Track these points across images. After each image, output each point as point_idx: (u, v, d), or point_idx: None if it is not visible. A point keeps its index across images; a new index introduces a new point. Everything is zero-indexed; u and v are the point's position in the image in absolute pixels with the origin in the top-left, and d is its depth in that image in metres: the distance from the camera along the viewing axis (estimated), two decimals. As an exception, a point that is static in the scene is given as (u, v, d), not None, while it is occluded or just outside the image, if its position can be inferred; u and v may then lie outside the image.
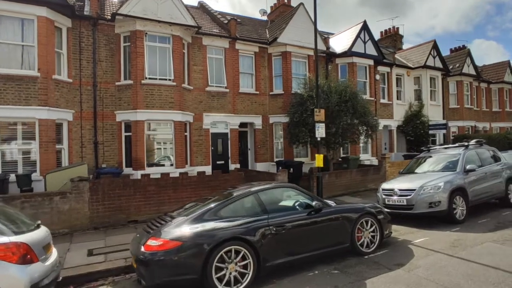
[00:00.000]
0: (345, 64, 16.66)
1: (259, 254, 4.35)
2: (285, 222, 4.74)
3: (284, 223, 4.71)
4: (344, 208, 5.47)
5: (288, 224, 4.75)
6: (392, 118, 18.71)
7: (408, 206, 7.55)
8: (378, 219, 5.69)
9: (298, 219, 4.88)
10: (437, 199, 7.32)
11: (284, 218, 4.79)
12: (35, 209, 7.27)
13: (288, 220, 4.79)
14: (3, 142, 9.64)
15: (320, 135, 9.50)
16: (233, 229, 4.32)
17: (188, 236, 4.10)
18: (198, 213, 4.49)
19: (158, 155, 12.19)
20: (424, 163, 9.26)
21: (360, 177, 12.38)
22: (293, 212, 4.98)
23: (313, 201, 5.15)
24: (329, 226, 5.16)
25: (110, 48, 11.64)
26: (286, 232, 4.69)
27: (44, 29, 9.93)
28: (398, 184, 8.11)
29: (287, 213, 4.90)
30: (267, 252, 4.46)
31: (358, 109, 11.62)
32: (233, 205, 4.70)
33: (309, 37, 14.78)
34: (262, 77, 14.85)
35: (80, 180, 7.68)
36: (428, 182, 7.62)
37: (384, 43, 23.87)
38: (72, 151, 10.91)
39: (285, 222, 4.74)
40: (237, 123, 14.14)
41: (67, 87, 10.81)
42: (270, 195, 5.09)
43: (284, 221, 4.74)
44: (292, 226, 4.78)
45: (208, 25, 14.49)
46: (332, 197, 11.34)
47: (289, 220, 4.80)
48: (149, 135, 11.77)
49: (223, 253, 4.14)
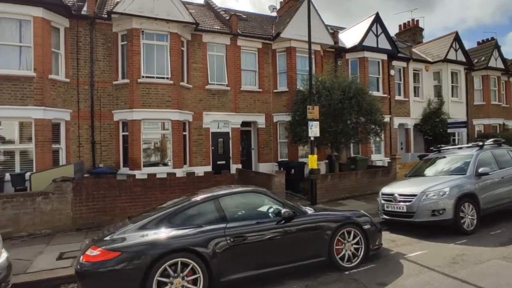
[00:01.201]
0: (356, 59, 15.77)
1: (211, 268, 3.87)
2: (246, 232, 4.22)
3: (244, 233, 4.19)
4: (321, 217, 4.85)
5: (250, 234, 4.23)
6: (408, 116, 17.55)
7: (408, 213, 6.78)
8: (364, 230, 5.03)
9: (263, 229, 4.35)
10: (441, 206, 6.51)
11: (246, 227, 4.27)
12: (17, 210, 7.21)
13: (250, 229, 4.27)
14: (0, 142, 9.76)
15: (314, 134, 8.87)
16: (182, 239, 3.87)
17: (128, 245, 3.70)
18: (146, 220, 4.10)
19: (155, 155, 11.99)
20: (432, 165, 8.38)
21: (367, 179, 11.55)
22: (259, 221, 4.45)
23: (283, 208, 4.58)
24: (302, 237, 4.58)
25: (107, 47, 11.57)
26: (247, 243, 4.17)
27: (40, 30, 9.96)
28: (399, 188, 7.33)
29: (251, 222, 4.38)
30: (222, 266, 3.98)
31: (363, 106, 10.81)
32: (188, 212, 4.25)
33: (316, 31, 14.03)
34: (266, 74, 14.32)
35: (63, 180, 7.54)
36: (432, 187, 6.80)
37: (403, 37, 22.59)
38: (69, 151, 10.92)
39: (246, 232, 4.22)
40: (238, 122, 13.71)
41: (64, 86, 10.82)
42: (233, 201, 4.59)
43: (244, 230, 4.22)
44: (254, 236, 4.25)
45: (210, 22, 14.15)
46: (335, 201, 10.69)
47: (252, 229, 4.28)
48: (145, 134, 11.58)
49: (167, 266, 3.71)
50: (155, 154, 11.99)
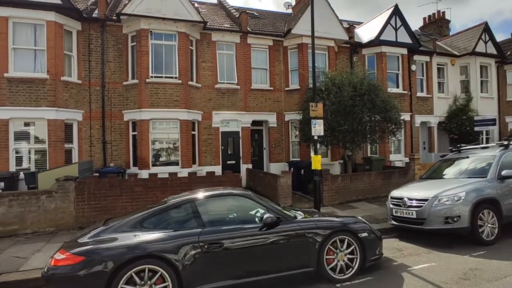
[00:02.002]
0: (373, 55, 15.03)
1: (181, 276, 3.65)
2: (224, 238, 3.97)
3: (220, 240, 3.94)
4: (309, 223, 4.48)
5: (228, 240, 3.97)
6: (431, 113, 16.50)
7: (418, 220, 6.21)
8: (359, 238, 4.61)
9: (242, 235, 4.07)
10: (456, 213, 5.90)
11: (224, 233, 4.02)
12: (23, 207, 7.41)
13: (228, 236, 4.01)
14: (17, 142, 10.16)
15: (318, 133, 8.44)
16: (150, 244, 3.69)
17: (93, 249, 3.57)
18: (117, 223, 3.96)
19: (164, 154, 12.02)
20: (450, 166, 7.69)
21: (381, 181, 10.90)
22: (239, 226, 4.18)
23: (268, 213, 4.27)
24: (287, 245, 4.25)
25: (118, 49, 11.75)
26: (224, 251, 3.92)
27: (52, 33, 10.27)
28: (409, 191, 6.76)
29: (230, 228, 4.13)
30: (195, 274, 3.75)
31: (377, 103, 10.19)
32: (161, 215, 4.07)
33: (329, 26, 13.61)
34: (277, 72, 13.97)
35: (66, 179, 7.68)
36: (445, 191, 6.19)
37: (427, 30, 21.35)
38: (82, 150, 11.20)
39: (223, 238, 3.96)
40: (249, 121, 13.48)
41: (77, 88, 11.10)
42: (212, 205, 4.34)
43: (221, 237, 3.97)
44: (233, 243, 3.99)
45: (221, 20, 14.01)
46: (346, 203, 10.20)
47: (230, 236, 4.01)
48: (154, 134, 11.64)
49: (133, 273, 3.54)
50: (164, 153, 12.03)
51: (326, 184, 10.08)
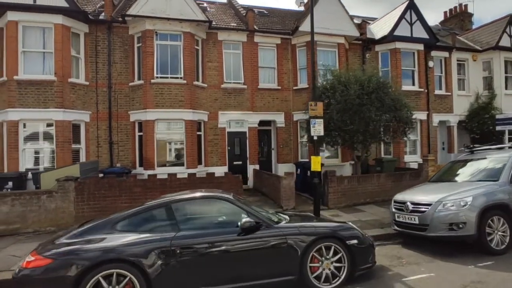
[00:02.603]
0: (387, 51, 14.40)
1: (150, 281, 3.50)
2: (198, 243, 3.78)
3: (194, 245, 3.75)
4: (292, 229, 4.20)
5: (202, 245, 3.78)
6: (451, 112, 15.64)
7: (421, 226, 5.77)
8: (348, 245, 4.28)
9: (219, 240, 3.87)
10: (461, 219, 5.42)
11: (198, 238, 3.83)
12: (24, 207, 7.56)
13: (204, 240, 3.82)
14: (26, 142, 10.45)
15: (317, 133, 8.10)
16: (120, 248, 3.56)
17: (62, 252, 3.49)
18: (90, 226, 3.87)
19: (169, 155, 12.04)
20: (461, 168, 7.14)
21: (391, 183, 10.35)
22: (216, 231, 3.99)
23: (246, 218, 4.04)
24: (267, 251, 4.00)
25: (124, 50, 11.87)
26: (198, 256, 3.74)
27: (60, 36, 10.50)
28: (413, 195, 6.32)
29: (206, 232, 3.94)
30: (165, 280, 3.59)
31: (386, 102, 9.69)
32: (136, 218, 3.93)
33: (339, 22, 13.18)
34: (285, 70, 13.67)
35: (66, 180, 7.77)
36: (451, 195, 5.72)
37: (448, 24, 20.28)
38: (89, 151, 11.40)
39: (197, 243, 3.78)
40: (256, 121, 13.26)
41: (84, 89, 11.30)
42: (190, 208, 4.17)
43: (196, 242, 3.78)
44: (208, 248, 3.80)
45: (228, 19, 13.88)
46: (352, 206, 9.78)
47: (205, 240, 3.83)
48: (160, 134, 11.66)
49: (100, 277, 3.42)
50: (169, 154, 12.04)
51: (331, 186, 9.70)
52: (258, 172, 12.64)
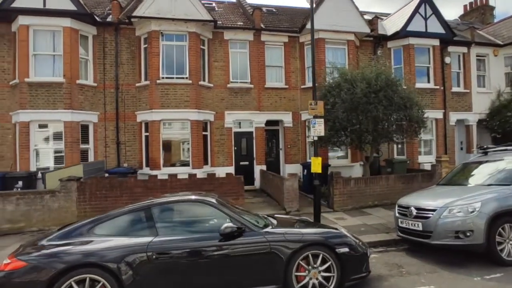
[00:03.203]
0: (399, 48, 13.85)
1: (123, 287, 3.40)
2: (175, 249, 3.65)
3: (172, 250, 3.63)
4: (277, 235, 3.98)
5: (179, 251, 3.65)
6: (470, 110, 14.85)
7: (424, 232, 5.41)
8: (337, 254, 4.03)
9: (198, 246, 3.73)
10: (468, 226, 5.02)
11: (176, 243, 3.71)
12: (29, 206, 7.74)
13: (182, 246, 3.69)
14: (37, 142, 10.74)
15: (318, 133, 7.82)
16: (94, 252, 3.49)
17: (35, 256, 3.45)
18: (68, 228, 3.82)
19: (175, 155, 12.05)
20: (473, 171, 6.68)
21: (402, 185, 9.90)
22: (196, 236, 3.85)
23: (229, 222, 3.87)
24: (249, 258, 3.82)
25: (131, 51, 11.98)
26: (175, 262, 3.62)
27: (68, 38, 10.72)
28: (417, 200, 5.95)
29: (185, 238, 3.81)
30: (139, 286, 3.48)
31: (395, 100, 9.25)
32: (114, 221, 3.87)
33: (348, 19, 12.79)
34: (293, 69, 13.41)
35: (68, 180, 7.89)
36: (457, 200, 5.32)
37: (468, 18, 19.36)
38: (97, 151, 11.58)
39: (174, 249, 3.65)
40: (262, 121, 13.07)
41: (92, 90, 11.50)
42: (170, 212, 4.04)
43: (173, 247, 3.66)
44: (186, 254, 3.67)
45: (235, 18, 13.76)
46: (359, 209, 9.45)
47: (183, 246, 3.70)
48: (166, 134, 11.69)
49: (73, 282, 3.35)
50: (175, 154, 12.06)
51: (337, 188, 9.38)
52: (264, 172, 12.45)
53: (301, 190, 12.05)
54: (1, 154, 11.05)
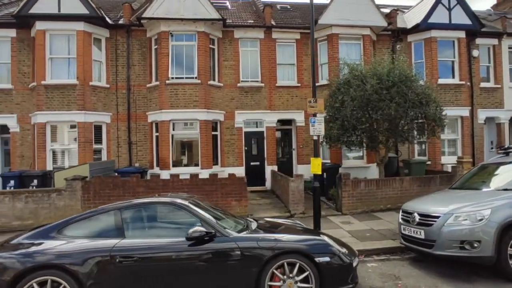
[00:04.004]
0: (420, 41, 13.00)
1: (85, 291, 3.31)
2: (140, 253, 3.51)
3: (137, 254, 3.48)
4: (250, 241, 3.71)
5: (145, 256, 3.51)
6: (501, 107, 13.67)
7: (426, 241, 4.89)
8: (317, 263, 3.69)
9: (164, 251, 3.57)
10: (475, 236, 4.47)
11: (142, 247, 3.56)
12: (37, 204, 8.01)
13: (147, 250, 3.55)
14: (53, 143, 11.17)
15: (317, 132, 7.45)
16: (56, 253, 3.43)
17: (3, 256, 3.43)
18: (41, 229, 3.80)
19: (184, 155, 12.07)
20: (490, 174, 6.00)
21: (417, 188, 9.21)
22: (164, 240, 3.68)
23: (200, 226, 3.66)
24: (219, 265, 3.60)
25: (142, 52, 12.15)
26: (139, 267, 3.47)
27: (81, 42, 11.05)
28: (422, 204, 5.43)
29: (152, 241, 3.66)
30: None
31: (409, 96, 8.62)
32: (84, 222, 3.78)
33: (363, 12, 12.23)
34: (305, 67, 12.99)
35: (73, 179, 8.07)
36: (465, 206, 4.77)
37: (502, 8, 17.89)
38: (110, 151, 11.86)
39: (140, 253, 3.50)
40: (273, 120, 12.78)
41: (105, 92, 11.79)
42: (140, 214, 3.90)
43: (139, 251, 3.51)
44: (151, 259, 3.52)
45: (246, 16, 13.58)
46: (370, 212, 8.95)
47: (149, 250, 3.55)
48: (175, 134, 11.74)
49: (35, 283, 3.30)
50: (185, 154, 12.08)
51: (345, 190, 8.91)
52: (274, 173, 12.16)
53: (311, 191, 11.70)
54: (22, 154, 11.62)
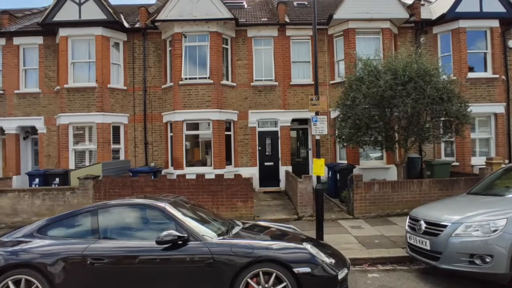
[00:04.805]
0: (447, 33, 12.07)
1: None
2: (111, 255, 3.49)
3: (107, 256, 3.46)
4: (223, 247, 3.53)
5: (115, 258, 3.48)
6: (543, 103, 12.29)
7: (432, 253, 4.42)
8: (295, 274, 3.43)
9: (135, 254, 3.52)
10: (487, 249, 3.94)
11: (113, 250, 3.55)
12: (53, 201, 8.42)
13: (118, 253, 3.52)
14: (75, 143, 11.73)
15: (319, 132, 7.06)
16: (31, 253, 3.51)
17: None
18: (22, 228, 3.89)
19: (198, 155, 12.14)
20: (516, 177, 5.36)
21: (439, 191, 8.50)
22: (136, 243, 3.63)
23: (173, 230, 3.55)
24: (190, 271, 3.46)
25: (157, 54, 12.41)
26: (110, 270, 3.46)
27: (100, 46, 11.50)
28: (430, 211, 4.93)
29: (124, 244, 3.63)
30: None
31: (427, 92, 7.97)
32: (63, 222, 3.82)
33: (382, 4, 11.64)
34: (321, 64, 12.53)
35: (85, 178, 8.38)
36: (478, 214, 4.24)
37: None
38: (127, 151, 12.25)
39: (110, 255, 3.49)
40: (288, 119, 12.50)
41: (122, 94, 12.18)
42: (116, 216, 3.86)
43: (109, 253, 3.49)
44: (122, 262, 3.48)
45: (260, 15, 13.40)
46: (385, 217, 8.46)
47: (120, 253, 3.52)
48: (189, 135, 11.84)
49: (10, 282, 3.40)
50: (198, 154, 12.16)
51: (357, 193, 8.44)
52: (288, 173, 11.87)
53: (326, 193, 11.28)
54: (49, 154, 12.34)
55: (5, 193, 8.44)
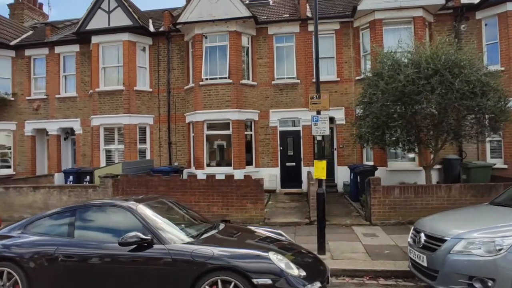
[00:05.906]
0: (493, 17, 10.69)
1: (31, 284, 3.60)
2: (79, 254, 3.62)
3: (76, 255, 3.60)
4: (183, 252, 3.39)
5: (83, 257, 3.58)
6: None
7: (429, 270, 3.86)
8: (255, 285, 3.19)
9: (102, 254, 3.58)
10: (488, 271, 3.32)
11: (81, 249, 3.65)
12: (77, 198, 9.02)
13: (85, 252, 3.61)
14: (106, 143, 12.51)
15: (321, 132, 6.61)
16: (12, 247, 3.79)
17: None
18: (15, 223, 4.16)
19: (218, 155, 12.22)
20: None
21: (472, 198, 7.47)
22: (104, 244, 3.67)
23: (140, 232, 3.53)
24: (150, 275, 3.40)
25: (181, 56, 12.71)
26: (78, 267, 3.58)
27: (127, 50, 12.11)
28: (434, 222, 4.32)
29: (92, 244, 3.70)
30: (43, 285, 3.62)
31: (455, 86, 7.05)
32: (46, 220, 4.04)
33: (412, -10, 10.53)
34: (345, 59, 11.89)
35: (105, 176, 8.84)
36: (482, 230, 3.60)
37: None
38: (153, 150, 12.75)
39: (79, 253, 3.62)
40: (310, 118, 11.94)
41: (148, 95, 12.69)
42: (90, 216, 3.94)
43: (78, 252, 3.63)
44: (88, 261, 3.57)
45: (281, 11, 13.06)
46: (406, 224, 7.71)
47: (86, 252, 3.61)
48: (209, 135, 11.96)
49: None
50: (218, 154, 12.23)
51: (375, 197, 7.80)
52: (309, 174, 11.38)
53: (348, 196, 10.68)
54: (84, 153, 13.31)
55: (38, 189, 9.26)
